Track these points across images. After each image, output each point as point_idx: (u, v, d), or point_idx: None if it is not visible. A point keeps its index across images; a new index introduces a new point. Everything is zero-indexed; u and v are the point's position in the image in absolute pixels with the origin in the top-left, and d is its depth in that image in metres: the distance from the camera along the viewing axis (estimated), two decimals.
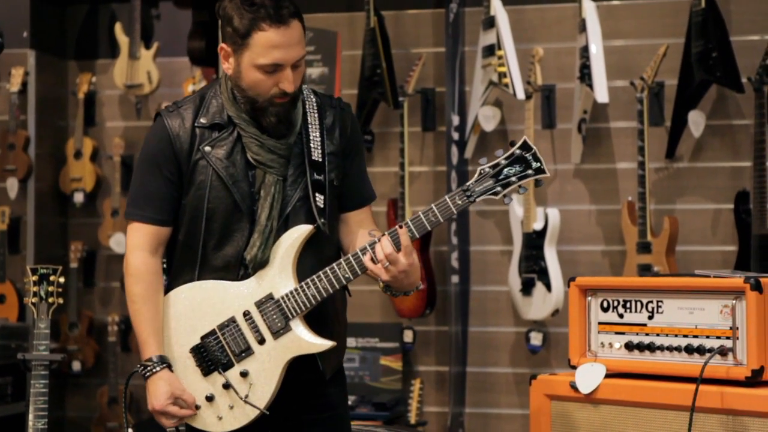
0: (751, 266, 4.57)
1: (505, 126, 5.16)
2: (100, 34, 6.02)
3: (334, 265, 2.72)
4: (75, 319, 5.78)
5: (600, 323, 2.99)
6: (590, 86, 4.74)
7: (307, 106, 2.82)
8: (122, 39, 5.76)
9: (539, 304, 4.90)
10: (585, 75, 4.77)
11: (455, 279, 5.12)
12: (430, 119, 5.27)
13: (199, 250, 2.78)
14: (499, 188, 2.70)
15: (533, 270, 4.90)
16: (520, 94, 4.84)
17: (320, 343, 2.75)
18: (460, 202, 2.69)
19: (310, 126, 2.80)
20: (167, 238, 2.83)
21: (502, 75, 4.82)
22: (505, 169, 2.70)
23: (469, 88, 5.14)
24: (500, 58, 4.83)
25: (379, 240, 2.68)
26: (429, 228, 2.69)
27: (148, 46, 5.75)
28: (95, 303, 5.93)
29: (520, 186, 2.69)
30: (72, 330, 5.78)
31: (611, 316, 2.97)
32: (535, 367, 5.04)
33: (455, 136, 5.10)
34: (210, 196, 2.76)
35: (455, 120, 5.12)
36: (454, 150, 5.09)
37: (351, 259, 2.71)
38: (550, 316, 4.91)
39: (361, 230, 2.84)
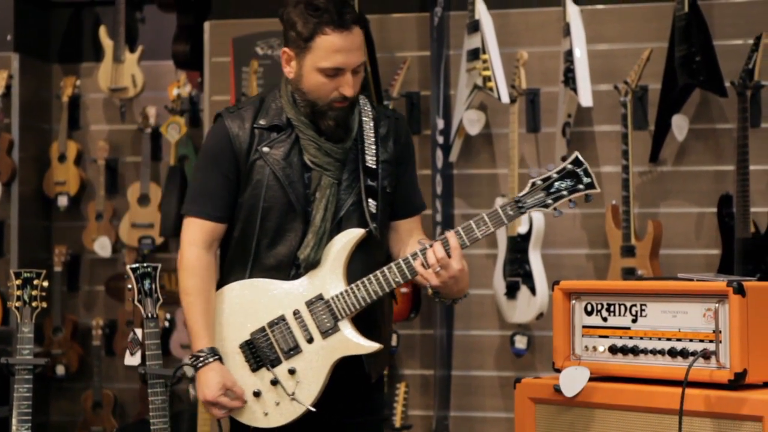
0: (734, 270, 4.59)
1: (489, 130, 5.17)
2: (84, 37, 6.01)
3: (384, 268, 2.79)
4: (59, 323, 5.76)
5: (584, 327, 3.00)
6: (574, 90, 4.76)
7: (362, 115, 2.90)
8: (107, 42, 5.75)
9: (524, 308, 4.91)
10: (569, 79, 4.78)
11: None
12: (415, 123, 5.28)
13: (253, 248, 2.84)
14: (550, 201, 2.78)
15: (518, 273, 4.91)
16: (505, 98, 4.85)
17: (367, 345, 2.81)
18: (511, 213, 2.77)
19: (365, 133, 2.88)
20: (222, 235, 2.90)
21: (486, 79, 4.83)
22: (556, 183, 2.78)
23: (454, 91, 5.15)
24: (485, 61, 4.84)
25: (430, 246, 2.74)
26: (480, 237, 2.77)
27: (132, 50, 5.75)
28: (79, 307, 5.91)
29: (570, 200, 2.77)
30: (56, 334, 5.77)
31: (595, 320, 2.98)
32: (520, 370, 5.05)
33: (440, 139, 5.11)
34: (266, 195, 2.83)
35: (440, 124, 5.13)
36: (439, 154, 5.10)
37: (402, 263, 2.78)
38: (535, 319, 4.91)
39: (410, 238, 2.92)
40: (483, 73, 4.84)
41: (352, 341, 2.80)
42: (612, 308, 2.96)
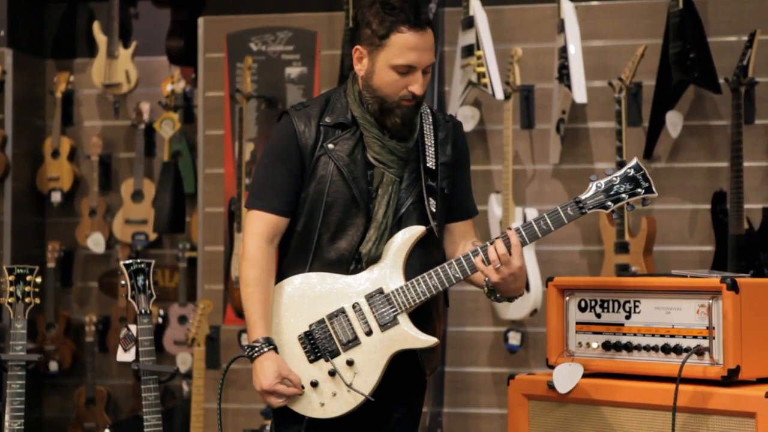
0: (728, 266, 4.60)
1: (484, 126, 5.17)
2: (78, 32, 6.00)
3: (445, 264, 2.85)
4: (52, 320, 5.76)
5: (578, 323, 3.00)
6: (569, 86, 4.76)
7: (423, 118, 2.96)
8: (100, 38, 5.74)
9: (517, 304, 4.90)
10: (563, 75, 4.78)
11: None
12: None
13: (314, 241, 2.89)
14: (609, 203, 2.85)
15: None
16: (499, 95, 4.85)
17: (425, 339, 2.85)
18: (572, 213, 2.86)
19: (425, 136, 2.95)
20: (284, 229, 2.94)
21: (481, 75, 4.83)
22: (616, 186, 2.85)
23: (449, 88, 5.15)
24: (479, 58, 4.84)
25: (491, 243, 2.81)
26: (540, 236, 2.84)
27: (126, 45, 5.74)
28: (72, 303, 5.90)
29: (628, 203, 2.85)
30: (49, 330, 5.76)
31: (589, 316, 2.98)
32: (514, 366, 5.06)
33: None
34: (329, 190, 2.88)
35: None
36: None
37: (462, 259, 2.84)
38: (529, 316, 4.92)
39: (464, 241, 2.99)
40: (477, 70, 4.84)
41: (411, 335, 2.84)
42: (606, 305, 2.96)
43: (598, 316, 2.97)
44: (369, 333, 2.85)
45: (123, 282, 3.20)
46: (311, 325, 2.87)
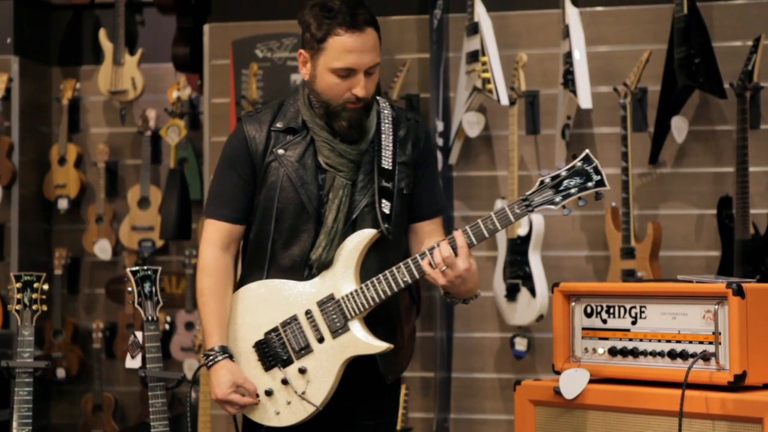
0: (733, 271, 4.59)
1: (489, 132, 5.17)
2: (84, 40, 6.01)
3: (393, 268, 2.80)
4: (59, 326, 5.77)
5: (584, 329, 3.00)
6: (574, 92, 4.76)
7: (381, 117, 2.92)
8: (106, 45, 5.75)
9: (524, 310, 4.91)
10: (568, 81, 4.78)
11: None
12: None
13: (269, 249, 2.88)
14: (558, 199, 2.75)
15: (518, 275, 4.91)
16: (504, 100, 4.86)
17: (377, 345, 2.82)
18: (518, 212, 2.76)
19: (383, 135, 2.90)
20: (240, 235, 2.94)
21: (486, 81, 4.83)
22: (566, 181, 2.75)
23: (454, 94, 5.15)
24: (484, 64, 4.85)
25: (438, 245, 2.74)
26: (487, 236, 2.77)
27: (132, 52, 5.75)
28: (79, 310, 5.91)
29: (579, 198, 2.75)
30: (56, 337, 5.77)
31: (595, 322, 2.98)
32: (520, 372, 5.05)
33: (440, 142, 5.11)
34: (280, 196, 2.87)
35: (439, 126, 5.13)
36: (439, 156, 5.10)
37: (410, 262, 2.79)
38: (535, 321, 4.92)
39: (429, 241, 2.91)
40: (482, 75, 4.84)
41: (362, 341, 2.81)
42: (612, 310, 2.96)
43: (604, 321, 2.97)
44: (321, 340, 2.83)
45: (130, 289, 3.21)
46: (266, 333, 2.86)
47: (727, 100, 4.78)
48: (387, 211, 2.85)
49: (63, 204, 5.84)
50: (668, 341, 2.85)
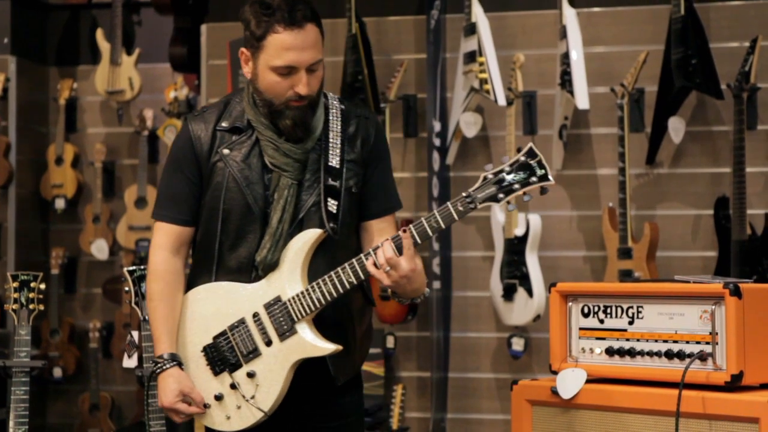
0: (730, 272, 4.60)
1: (486, 132, 5.18)
2: (81, 40, 6.01)
3: (339, 268, 2.74)
4: (56, 326, 5.76)
5: (581, 329, 3.00)
6: (571, 93, 4.76)
7: (330, 114, 2.86)
8: (103, 45, 5.75)
9: (521, 310, 4.91)
10: (566, 81, 4.79)
11: (437, 285, 5.13)
12: (412, 125, 5.28)
13: (216, 250, 2.83)
14: (501, 195, 2.69)
15: (515, 276, 4.92)
16: (501, 101, 4.86)
17: (324, 347, 2.76)
18: (461, 209, 2.69)
19: (331, 133, 2.84)
20: (189, 237, 2.89)
21: (483, 81, 4.84)
22: (509, 176, 2.69)
23: (451, 94, 5.15)
24: (481, 64, 4.85)
25: (381, 245, 2.69)
26: (431, 234, 2.71)
27: (129, 52, 5.75)
28: (76, 309, 5.91)
29: (524, 193, 2.69)
30: (53, 336, 5.77)
31: (592, 322, 2.98)
32: (517, 372, 5.06)
33: (437, 142, 5.12)
34: (225, 197, 2.81)
35: (437, 126, 5.13)
36: (436, 156, 5.10)
37: (355, 263, 2.73)
38: (532, 321, 4.92)
39: (381, 239, 2.82)
40: (480, 76, 4.84)
41: (310, 343, 2.75)
42: (609, 310, 2.96)
43: (601, 321, 2.97)
44: (269, 343, 2.77)
45: (127, 288, 3.21)
46: (214, 337, 2.81)
47: (724, 101, 4.79)
48: (333, 210, 2.79)
49: (60, 204, 5.83)
50: (665, 341, 2.85)
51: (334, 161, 2.81)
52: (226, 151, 2.81)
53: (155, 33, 5.89)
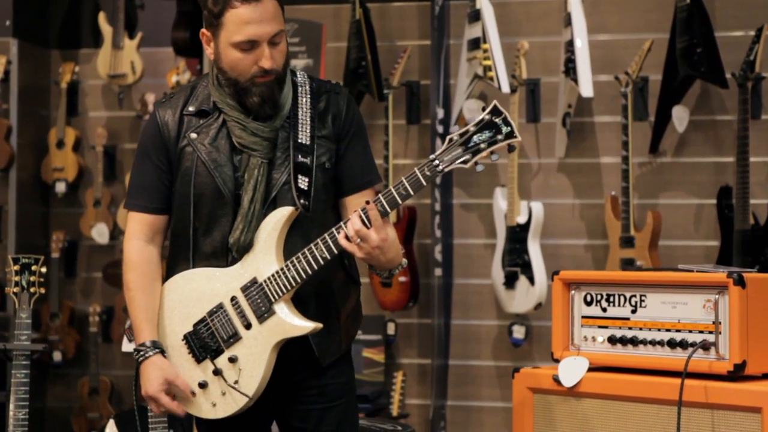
0: (733, 261, 4.59)
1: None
2: (83, 23, 5.99)
3: (312, 245, 2.70)
4: (56, 310, 5.76)
5: (583, 317, 2.99)
6: (575, 80, 4.75)
7: (299, 91, 2.82)
8: (106, 28, 5.73)
9: (522, 298, 4.90)
10: (570, 69, 4.77)
11: (438, 272, 5.12)
12: (415, 112, 5.27)
13: (191, 236, 2.80)
14: (467, 156, 2.64)
15: (516, 263, 4.91)
16: (505, 88, 4.84)
17: (304, 325, 2.73)
18: (429, 173, 2.65)
19: (300, 109, 2.80)
20: (164, 225, 2.87)
21: (487, 68, 4.82)
22: (475, 136, 2.64)
23: (454, 81, 5.14)
24: (485, 51, 4.83)
25: (350, 218, 2.66)
26: (400, 201, 2.66)
27: (131, 36, 5.73)
28: (77, 293, 5.90)
29: (492, 152, 2.64)
30: (53, 320, 5.76)
31: (594, 310, 2.98)
32: (518, 360, 5.05)
33: (440, 129, 5.10)
34: (195, 182, 2.78)
35: (440, 113, 5.12)
36: (439, 143, 5.09)
37: (327, 238, 2.69)
38: (533, 309, 4.91)
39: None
40: (483, 63, 4.83)
41: (288, 323, 2.71)
42: (611, 299, 2.95)
43: (604, 310, 2.96)
44: (248, 326, 2.74)
45: None
46: (194, 324, 2.79)
47: (729, 90, 4.78)
48: (304, 187, 2.74)
49: (61, 187, 5.82)
50: (668, 330, 2.84)
51: (304, 138, 2.77)
52: (193, 135, 2.79)
53: (158, 17, 5.87)
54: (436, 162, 2.65)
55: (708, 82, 4.82)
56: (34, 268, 3.24)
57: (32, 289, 3.23)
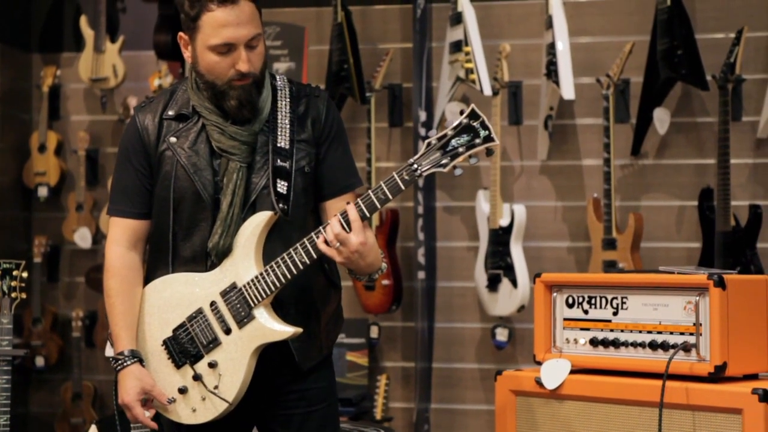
0: (714, 263, 4.61)
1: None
2: (65, 26, 5.97)
3: (291, 249, 2.70)
4: (38, 315, 5.73)
5: (565, 319, 3.00)
6: (556, 83, 4.76)
7: (279, 94, 2.82)
8: (87, 32, 5.71)
9: (505, 300, 4.91)
10: (551, 72, 4.78)
11: (421, 275, 5.12)
12: (397, 115, 5.27)
13: (170, 241, 2.79)
14: (446, 160, 2.63)
15: (499, 266, 4.92)
16: (487, 90, 4.85)
17: (283, 330, 2.72)
18: (407, 177, 2.65)
19: (279, 113, 2.80)
20: (145, 231, 2.86)
21: (469, 71, 4.83)
22: (453, 140, 2.64)
23: (436, 83, 5.14)
24: (467, 54, 4.84)
25: (330, 222, 2.66)
26: (379, 206, 2.65)
27: (113, 40, 5.71)
28: (59, 298, 5.88)
29: (470, 156, 2.64)
30: (35, 325, 5.74)
31: (576, 312, 2.99)
32: (501, 362, 5.06)
33: (422, 131, 5.11)
34: (175, 186, 2.77)
35: (422, 116, 5.12)
36: (421, 145, 5.08)
37: (306, 242, 2.68)
38: (516, 312, 4.92)
39: None
40: (465, 66, 4.83)
41: (268, 328, 2.71)
42: (593, 301, 2.96)
43: (586, 312, 2.97)
44: (228, 331, 2.74)
45: None
46: (174, 329, 2.78)
47: (709, 92, 4.79)
48: (283, 191, 2.74)
49: (43, 192, 5.80)
50: (649, 332, 2.85)
51: (283, 142, 2.77)
52: (173, 139, 2.78)
53: (139, 20, 5.86)
54: (415, 166, 2.65)
55: (689, 84, 4.84)
56: (15, 273, 3.23)
57: (13, 294, 3.22)
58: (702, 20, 4.91)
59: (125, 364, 2.77)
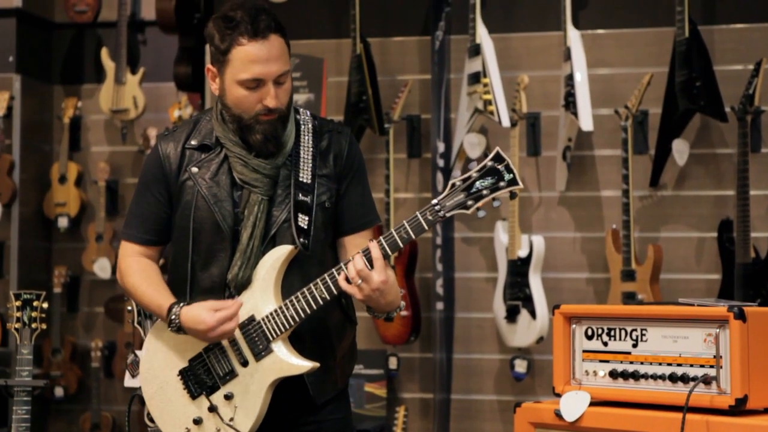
0: (734, 295, 4.59)
1: (490, 153, 5.16)
2: (86, 58, 6.02)
3: (311, 284, 2.71)
4: (58, 345, 5.75)
5: (584, 351, 2.99)
6: (575, 114, 4.77)
7: (302, 129, 2.83)
8: (108, 64, 5.76)
9: (524, 332, 4.90)
10: (570, 103, 4.79)
11: (440, 306, 5.12)
12: (416, 146, 5.29)
13: (188, 270, 2.80)
14: (470, 202, 2.65)
15: (518, 297, 4.91)
16: (506, 122, 4.86)
17: (301, 364, 2.73)
18: (431, 218, 2.67)
19: (302, 148, 2.81)
20: (156, 257, 2.91)
21: (487, 102, 4.84)
22: (477, 182, 2.66)
23: (455, 115, 5.16)
24: (486, 85, 4.86)
25: (352, 259, 2.66)
26: (401, 245, 2.67)
27: (134, 71, 5.76)
28: (78, 328, 5.90)
29: (494, 199, 2.66)
30: (55, 355, 5.76)
31: (596, 344, 2.97)
32: (520, 394, 5.04)
33: (440, 162, 5.12)
34: (195, 216, 2.79)
35: (440, 147, 5.14)
36: (440, 177, 5.10)
37: (327, 278, 2.69)
38: (535, 343, 4.91)
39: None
40: (484, 97, 4.85)
41: (285, 361, 2.71)
42: (612, 333, 2.95)
43: (605, 344, 2.96)
44: (245, 364, 2.74)
45: (129, 308, 3.19)
46: (190, 360, 2.78)
47: (728, 124, 4.79)
48: (304, 226, 2.75)
49: (63, 222, 5.83)
50: (669, 364, 2.83)
51: (305, 176, 2.78)
52: (194, 170, 2.80)
53: (160, 52, 5.91)
54: (438, 207, 2.67)
55: (707, 116, 4.83)
56: (35, 303, 3.24)
57: (33, 325, 3.22)
58: (720, 52, 4.92)
59: (177, 313, 2.73)
